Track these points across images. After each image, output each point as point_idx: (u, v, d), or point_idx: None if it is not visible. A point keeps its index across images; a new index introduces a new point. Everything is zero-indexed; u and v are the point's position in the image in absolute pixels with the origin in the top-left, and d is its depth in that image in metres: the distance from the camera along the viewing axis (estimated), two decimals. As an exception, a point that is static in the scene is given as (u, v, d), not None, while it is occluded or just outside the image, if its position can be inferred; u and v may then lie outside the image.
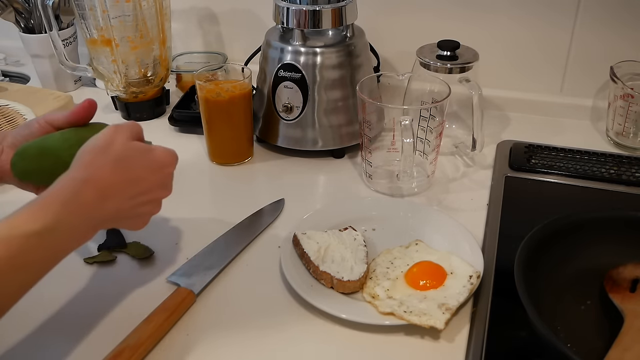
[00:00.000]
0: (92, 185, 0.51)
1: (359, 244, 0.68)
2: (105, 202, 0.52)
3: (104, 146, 0.53)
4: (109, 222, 0.55)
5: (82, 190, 0.50)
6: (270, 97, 0.88)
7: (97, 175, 0.51)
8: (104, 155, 0.52)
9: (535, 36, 0.99)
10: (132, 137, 0.55)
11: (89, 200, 0.51)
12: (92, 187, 0.51)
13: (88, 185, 0.51)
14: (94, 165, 0.52)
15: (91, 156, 0.52)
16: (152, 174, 0.56)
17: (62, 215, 0.48)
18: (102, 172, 0.52)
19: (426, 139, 0.80)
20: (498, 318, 0.61)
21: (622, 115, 0.90)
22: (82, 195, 0.50)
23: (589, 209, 0.76)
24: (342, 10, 0.84)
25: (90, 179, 0.51)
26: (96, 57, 0.99)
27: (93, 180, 0.51)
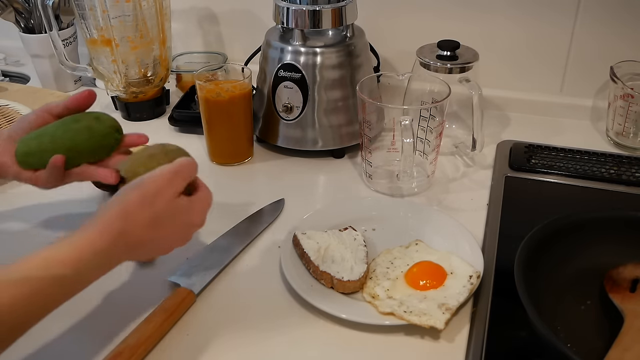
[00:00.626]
0: (125, 239, 0.52)
1: (359, 244, 0.68)
2: (130, 254, 0.55)
3: (150, 198, 0.54)
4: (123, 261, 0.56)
5: (116, 243, 0.51)
6: (270, 97, 0.88)
7: (132, 231, 0.53)
8: (146, 209, 0.53)
9: (535, 36, 0.99)
10: (181, 190, 0.57)
11: (119, 252, 0.53)
12: (124, 241, 0.52)
13: (122, 238, 0.52)
14: (133, 217, 0.53)
15: (134, 206, 0.53)
16: (181, 231, 0.58)
17: (92, 263, 0.50)
18: (137, 228, 0.53)
19: (426, 139, 0.80)
20: (498, 318, 0.61)
21: (622, 115, 0.90)
22: (114, 248, 0.51)
23: (589, 209, 0.76)
24: (342, 10, 0.84)
25: (126, 232, 0.52)
26: (96, 57, 0.99)
27: (127, 234, 0.52)
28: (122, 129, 0.68)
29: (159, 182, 0.55)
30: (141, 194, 0.54)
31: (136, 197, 0.53)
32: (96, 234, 0.51)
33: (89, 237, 0.50)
